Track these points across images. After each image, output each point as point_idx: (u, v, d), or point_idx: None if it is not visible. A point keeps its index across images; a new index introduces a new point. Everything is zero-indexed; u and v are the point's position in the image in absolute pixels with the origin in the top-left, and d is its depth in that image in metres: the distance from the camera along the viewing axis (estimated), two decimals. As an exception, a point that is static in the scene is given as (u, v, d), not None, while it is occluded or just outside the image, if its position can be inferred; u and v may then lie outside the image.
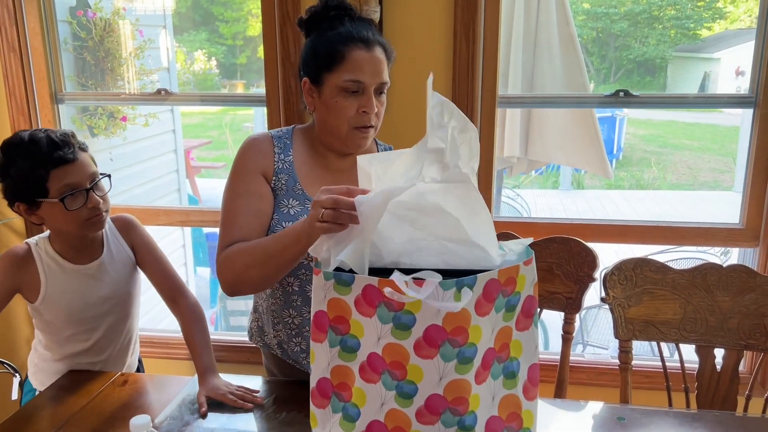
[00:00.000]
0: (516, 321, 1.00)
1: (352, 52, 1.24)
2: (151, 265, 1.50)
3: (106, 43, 2.83)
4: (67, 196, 1.34)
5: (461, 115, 0.99)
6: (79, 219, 1.37)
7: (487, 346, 0.97)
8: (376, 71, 1.25)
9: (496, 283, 0.94)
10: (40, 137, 1.33)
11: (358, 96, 1.25)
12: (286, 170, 1.34)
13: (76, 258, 1.44)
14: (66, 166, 1.34)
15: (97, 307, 1.47)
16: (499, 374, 1.00)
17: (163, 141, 3.76)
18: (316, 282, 0.98)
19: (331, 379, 1.00)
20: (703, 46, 13.56)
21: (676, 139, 11.80)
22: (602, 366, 1.92)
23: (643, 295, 1.52)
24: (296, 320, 1.36)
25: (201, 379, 1.34)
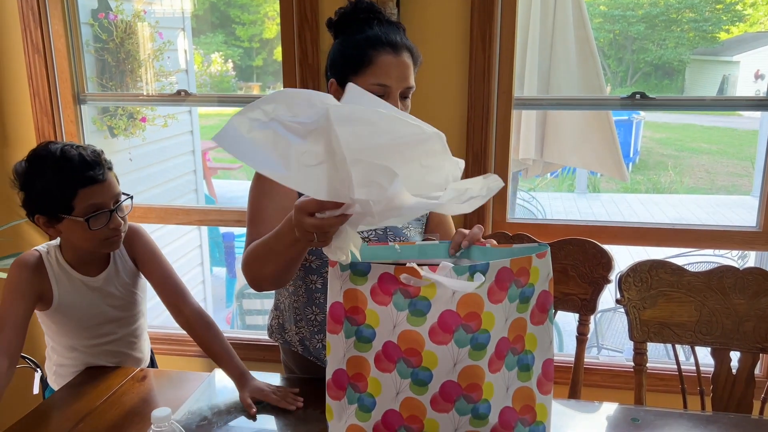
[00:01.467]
0: (531, 314, 1.02)
1: (380, 56, 1.24)
2: (154, 273, 1.50)
3: (126, 45, 2.88)
4: (92, 216, 1.34)
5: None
6: (98, 238, 1.37)
7: (500, 335, 0.99)
8: (403, 76, 1.26)
9: (508, 272, 0.97)
10: (73, 154, 1.32)
11: (383, 99, 1.24)
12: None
13: (84, 269, 1.45)
14: (94, 186, 1.33)
15: (104, 316, 1.48)
16: (513, 366, 1.02)
17: (182, 142, 3.80)
18: (332, 273, 1.00)
19: (347, 370, 1.02)
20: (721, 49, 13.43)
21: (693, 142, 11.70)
22: (617, 368, 1.91)
23: (658, 298, 1.52)
24: (319, 317, 1.38)
25: (240, 383, 1.35)
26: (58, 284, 1.42)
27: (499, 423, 1.01)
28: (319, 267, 1.34)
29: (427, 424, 1.00)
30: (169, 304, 1.47)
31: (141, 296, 1.56)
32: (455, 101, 1.82)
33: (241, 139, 0.84)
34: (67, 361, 1.52)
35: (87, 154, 1.34)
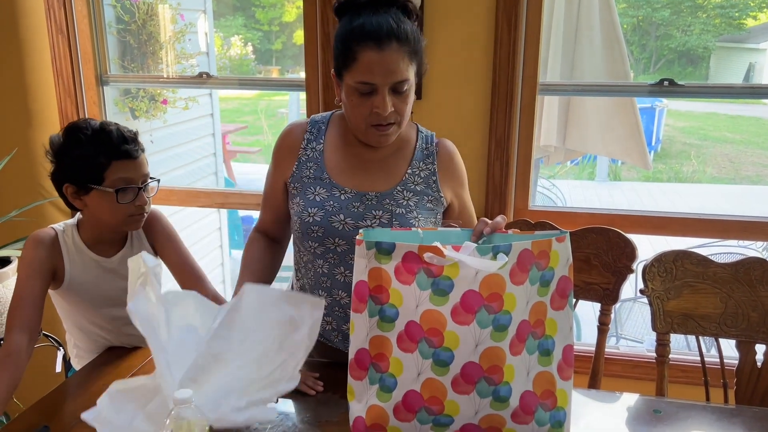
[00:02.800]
0: (551, 299, 1.03)
1: (362, 52, 1.18)
2: (171, 257, 1.51)
3: (148, 27, 2.88)
4: (121, 189, 1.36)
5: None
6: (123, 213, 1.39)
7: (521, 317, 1.00)
8: (389, 71, 1.19)
9: (529, 254, 0.98)
10: (112, 128, 1.37)
11: (372, 96, 1.21)
12: (315, 159, 1.35)
13: (100, 250, 1.46)
14: (128, 160, 1.37)
15: (117, 298, 1.48)
16: (534, 350, 1.03)
17: (202, 125, 3.81)
18: (358, 251, 1.01)
19: (370, 349, 1.03)
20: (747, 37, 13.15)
21: (717, 131, 11.50)
22: (637, 359, 1.89)
23: (683, 288, 1.50)
24: (327, 300, 1.37)
25: None
26: (71, 263, 1.43)
27: (520, 407, 1.01)
28: (323, 252, 1.33)
29: (447, 405, 1.00)
30: (186, 288, 1.48)
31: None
32: (479, 86, 1.79)
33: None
34: (81, 342, 1.53)
35: (125, 130, 1.39)
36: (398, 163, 1.37)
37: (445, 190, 1.39)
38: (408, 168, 1.36)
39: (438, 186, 1.37)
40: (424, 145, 1.39)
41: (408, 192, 1.34)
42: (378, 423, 1.02)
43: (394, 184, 1.35)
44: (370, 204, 1.31)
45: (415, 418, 1.02)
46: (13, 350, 1.27)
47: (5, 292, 1.96)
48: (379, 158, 1.36)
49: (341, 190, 1.32)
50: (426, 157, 1.38)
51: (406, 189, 1.34)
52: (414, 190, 1.35)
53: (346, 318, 1.37)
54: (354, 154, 1.36)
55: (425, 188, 1.36)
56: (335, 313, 1.38)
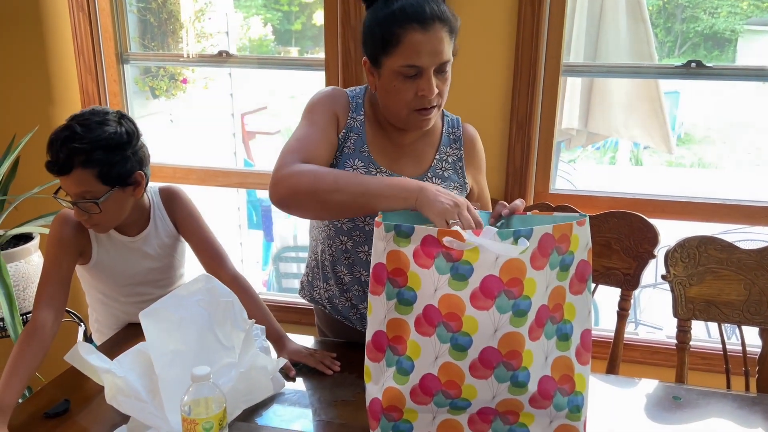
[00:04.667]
0: (570, 283, 1.02)
1: (408, 35, 1.16)
2: (192, 236, 1.50)
3: (168, 5, 2.88)
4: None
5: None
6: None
7: (540, 302, 0.98)
8: (435, 52, 1.18)
9: (550, 238, 0.97)
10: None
11: (417, 79, 1.20)
12: (357, 130, 1.32)
13: (124, 229, 1.46)
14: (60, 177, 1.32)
15: (141, 276, 1.50)
16: (552, 334, 1.02)
17: (221, 104, 3.81)
18: (376, 234, 1.00)
19: (387, 332, 1.02)
20: (777, 19, 12.81)
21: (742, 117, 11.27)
22: (657, 345, 1.87)
23: (705, 274, 1.47)
24: (347, 278, 1.37)
25: (278, 345, 1.36)
26: (98, 242, 1.44)
27: (538, 392, 1.01)
28: (349, 230, 1.32)
29: (465, 389, 1.00)
30: (208, 267, 1.48)
31: (179, 260, 1.56)
32: (500, 67, 1.76)
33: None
34: (103, 318, 1.55)
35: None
36: (426, 149, 1.36)
37: (468, 176, 1.39)
38: (436, 153, 1.36)
39: (464, 172, 1.37)
40: (451, 130, 1.39)
41: (437, 178, 1.34)
42: (394, 405, 1.02)
43: (424, 169, 1.34)
44: None
45: (432, 401, 1.01)
46: (39, 326, 1.29)
47: (28, 268, 1.98)
48: (408, 143, 1.35)
49: (377, 168, 1.31)
50: (453, 142, 1.38)
51: (435, 175, 1.34)
52: (442, 176, 1.35)
53: (364, 297, 1.38)
54: (387, 136, 1.34)
55: (452, 174, 1.36)
56: (354, 290, 1.38)
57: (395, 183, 1.10)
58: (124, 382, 1.12)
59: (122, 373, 1.14)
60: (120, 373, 1.13)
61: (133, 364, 1.18)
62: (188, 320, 1.21)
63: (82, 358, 1.14)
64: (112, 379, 1.12)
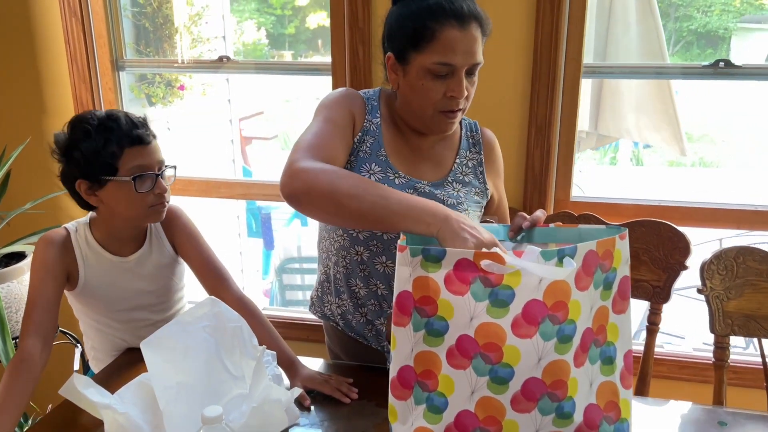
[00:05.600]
0: (613, 302, 0.95)
1: (444, 30, 1.11)
2: (193, 257, 1.41)
3: (164, 10, 2.78)
4: (138, 177, 1.28)
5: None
6: (144, 204, 1.30)
7: (585, 325, 0.92)
8: (470, 52, 1.12)
9: (594, 255, 0.90)
10: (119, 115, 1.29)
11: (447, 79, 1.13)
12: (373, 133, 1.25)
13: (115, 249, 1.37)
14: (141, 146, 1.28)
15: (135, 300, 1.40)
16: (596, 359, 0.95)
17: (219, 111, 3.72)
18: (400, 259, 0.90)
19: (415, 366, 0.94)
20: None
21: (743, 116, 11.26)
22: (685, 359, 1.78)
23: (744, 287, 1.39)
24: (362, 291, 1.29)
25: (290, 372, 1.27)
26: (85, 264, 1.35)
27: (584, 422, 0.93)
28: (366, 239, 1.24)
29: (506, 425, 0.92)
30: (210, 290, 1.38)
31: (177, 283, 1.47)
32: (519, 69, 1.68)
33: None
34: (99, 344, 1.45)
35: (133, 116, 1.31)
36: (445, 153, 1.29)
37: (489, 181, 1.32)
38: (456, 158, 1.29)
39: (484, 177, 1.31)
40: (469, 134, 1.33)
41: (457, 183, 1.27)
42: (426, 445, 0.93)
43: (444, 174, 1.27)
44: (422, 193, 1.23)
45: None
46: (26, 357, 1.20)
47: (21, 289, 1.88)
48: (427, 146, 1.28)
49: (395, 173, 1.23)
50: (472, 146, 1.32)
51: (455, 180, 1.27)
52: (462, 181, 1.28)
53: (380, 312, 1.29)
54: (404, 140, 1.27)
55: (473, 179, 1.30)
56: (370, 305, 1.30)
57: (420, 205, 1.00)
58: (125, 419, 1.03)
59: (123, 408, 1.05)
60: (121, 408, 1.04)
61: (134, 399, 1.09)
62: (194, 349, 1.12)
63: (78, 392, 1.05)
64: (113, 415, 1.03)
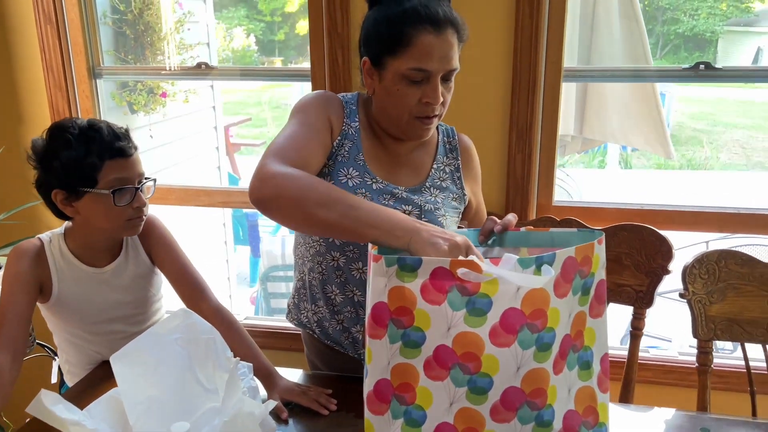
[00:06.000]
0: (590, 306, 0.94)
1: (420, 36, 1.09)
2: (169, 267, 1.39)
3: (145, 16, 2.75)
4: (117, 190, 1.26)
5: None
6: (121, 217, 1.28)
7: (564, 332, 0.91)
8: (446, 57, 1.11)
9: (573, 262, 0.89)
10: (101, 125, 1.27)
11: (423, 85, 1.13)
12: (352, 137, 1.23)
13: (91, 260, 1.34)
14: (122, 159, 1.26)
15: (112, 312, 1.38)
16: (574, 364, 0.94)
17: (203, 117, 3.69)
18: (375, 269, 0.88)
19: (392, 380, 0.92)
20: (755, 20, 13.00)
21: (727, 117, 11.34)
22: (670, 363, 1.77)
23: (727, 291, 1.38)
24: (338, 298, 1.27)
25: (267, 383, 1.24)
26: (59, 276, 1.32)
27: (563, 429, 0.93)
28: (342, 244, 1.22)
29: None
30: (187, 300, 1.37)
31: (154, 293, 1.44)
32: (499, 73, 1.66)
33: None
34: (74, 358, 1.42)
35: (115, 127, 1.29)
36: (423, 159, 1.28)
37: (467, 187, 1.32)
38: (433, 163, 1.28)
39: (462, 182, 1.30)
40: (446, 139, 1.32)
41: (435, 189, 1.26)
42: (405, 461, 0.91)
43: (422, 180, 1.26)
44: (400, 198, 1.22)
45: None
46: None
47: (-5, 300, 1.84)
48: (405, 152, 1.27)
49: (373, 179, 1.21)
50: (449, 151, 1.31)
51: (433, 186, 1.26)
52: (440, 186, 1.27)
53: (357, 319, 1.28)
54: (382, 145, 1.26)
55: (450, 184, 1.29)
56: (346, 312, 1.28)
57: (391, 217, 0.98)
58: None
59: (93, 425, 1.01)
60: (90, 425, 1.01)
61: (105, 414, 1.06)
62: (166, 362, 1.09)
63: (46, 409, 1.02)
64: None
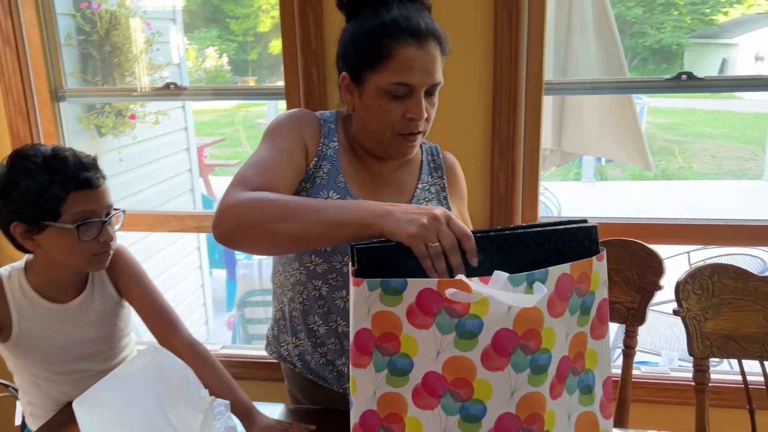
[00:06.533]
0: (591, 327, 0.88)
1: (401, 48, 1.04)
2: (138, 300, 1.31)
3: (112, 37, 2.68)
4: (82, 224, 1.17)
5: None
6: (86, 252, 1.20)
7: (561, 354, 0.85)
8: (428, 71, 1.06)
9: (569, 279, 0.83)
10: (67, 154, 1.19)
11: (405, 100, 1.07)
12: (330, 158, 1.16)
13: (54, 295, 1.26)
14: (88, 190, 1.18)
15: (78, 350, 1.29)
16: (574, 389, 0.88)
17: (175, 139, 3.61)
18: (357, 295, 0.81)
19: (378, 411, 0.85)
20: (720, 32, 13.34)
21: (697, 127, 11.56)
22: (663, 381, 1.72)
23: (721, 306, 1.33)
24: (321, 329, 1.20)
25: (246, 421, 1.17)
26: (20, 313, 1.23)
27: None
28: (324, 272, 1.15)
29: None
30: (158, 335, 1.28)
31: (122, 328, 1.36)
32: (479, 88, 1.62)
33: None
34: (37, 399, 1.32)
35: (82, 156, 1.21)
36: (407, 178, 1.22)
37: (453, 206, 1.25)
38: (417, 183, 1.22)
39: (448, 202, 1.24)
40: (430, 158, 1.26)
41: None
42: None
43: (407, 200, 1.20)
44: None
45: None
46: None
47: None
48: (388, 172, 1.21)
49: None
50: (434, 170, 1.25)
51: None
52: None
53: (341, 351, 1.20)
54: (363, 165, 1.19)
55: (437, 204, 1.22)
56: (330, 344, 1.21)
57: (358, 208, 0.90)
58: None
59: None
60: None
61: None
62: (134, 405, 1.01)
63: None
64: None
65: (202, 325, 3.88)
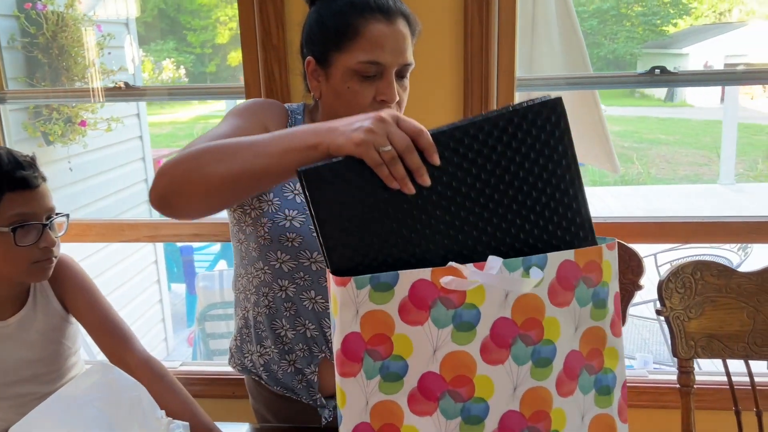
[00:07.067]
0: (611, 323, 0.82)
1: (369, 25, 0.99)
2: (87, 315, 1.20)
3: (59, 39, 2.54)
4: (19, 227, 1.07)
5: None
6: (26, 260, 1.10)
7: (569, 348, 0.80)
8: (399, 49, 1.00)
9: (573, 266, 0.78)
10: (1, 152, 1.09)
11: (376, 81, 1.01)
12: None
13: None
14: (25, 191, 1.09)
15: (17, 372, 1.17)
16: (590, 388, 0.82)
17: (130, 148, 3.47)
18: (343, 296, 0.73)
19: (372, 423, 0.77)
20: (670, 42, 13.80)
21: (650, 134, 11.86)
22: (642, 385, 1.68)
23: (704, 305, 1.29)
24: (289, 334, 1.12)
25: None
26: None
27: None
28: (291, 271, 1.07)
29: None
30: (109, 352, 1.18)
31: (69, 346, 1.24)
32: (450, 84, 1.57)
33: None
34: None
35: (18, 155, 1.11)
36: None
37: None
38: None
39: None
40: None
41: None
42: None
43: None
44: None
45: None
46: None
47: None
48: None
49: None
50: None
51: None
52: None
53: (311, 358, 1.12)
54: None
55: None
56: (298, 351, 1.12)
57: (298, 131, 0.80)
58: None
59: None
60: None
61: None
62: (80, 430, 0.91)
63: None
64: None
65: (160, 342, 3.73)
